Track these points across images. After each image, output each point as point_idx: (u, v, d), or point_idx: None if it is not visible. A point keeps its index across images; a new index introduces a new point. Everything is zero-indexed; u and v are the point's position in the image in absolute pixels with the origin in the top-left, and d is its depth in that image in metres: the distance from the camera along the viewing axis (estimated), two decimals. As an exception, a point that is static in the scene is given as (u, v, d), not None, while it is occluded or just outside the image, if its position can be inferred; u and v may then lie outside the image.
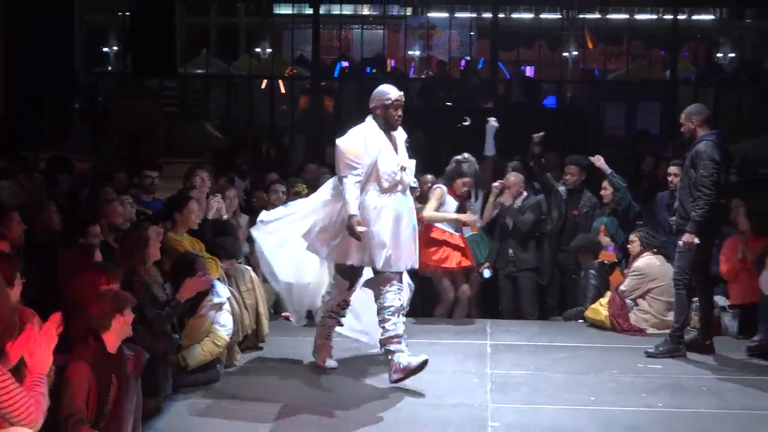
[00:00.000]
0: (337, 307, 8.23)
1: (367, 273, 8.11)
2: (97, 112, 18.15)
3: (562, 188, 11.08)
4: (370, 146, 7.75)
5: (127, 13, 21.61)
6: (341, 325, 8.41)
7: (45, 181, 11.12)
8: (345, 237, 7.72)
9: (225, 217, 9.92)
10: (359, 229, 7.49)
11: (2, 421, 4.80)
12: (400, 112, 7.95)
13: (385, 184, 7.81)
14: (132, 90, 19.62)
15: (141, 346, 6.40)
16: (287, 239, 8.39)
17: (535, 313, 10.85)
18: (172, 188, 10.74)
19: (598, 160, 10.90)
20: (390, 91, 8.00)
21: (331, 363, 8.33)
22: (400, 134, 8.09)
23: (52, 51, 16.52)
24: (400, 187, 7.91)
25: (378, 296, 7.87)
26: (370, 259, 7.79)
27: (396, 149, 7.98)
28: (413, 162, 8.23)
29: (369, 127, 7.91)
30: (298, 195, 10.68)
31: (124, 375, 5.99)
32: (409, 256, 8.00)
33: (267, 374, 8.48)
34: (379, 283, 7.90)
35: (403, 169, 7.90)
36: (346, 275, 8.04)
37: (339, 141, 7.87)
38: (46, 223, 8.66)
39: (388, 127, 7.92)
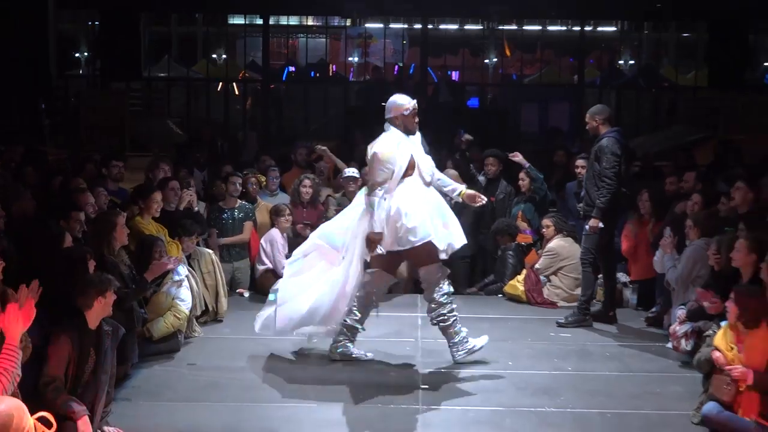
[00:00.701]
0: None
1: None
2: (69, 110, 18.21)
3: (481, 178, 11.28)
4: (402, 150, 7.88)
5: (96, 23, 21.63)
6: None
7: (18, 171, 10.79)
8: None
9: (196, 208, 10.08)
10: (379, 250, 7.77)
11: None
12: (417, 119, 8.09)
13: (427, 179, 8.04)
14: (100, 91, 19.77)
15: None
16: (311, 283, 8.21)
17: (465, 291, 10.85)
18: (137, 179, 10.71)
19: (516, 156, 11.06)
20: (405, 103, 8.08)
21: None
22: (417, 137, 8.17)
23: (28, 57, 16.66)
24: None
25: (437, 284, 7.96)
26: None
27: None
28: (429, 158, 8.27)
29: (396, 134, 7.97)
30: (257, 185, 11.08)
31: (102, 348, 6.02)
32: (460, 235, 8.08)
33: (223, 344, 8.62)
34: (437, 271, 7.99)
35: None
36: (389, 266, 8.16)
37: (375, 148, 7.95)
38: (22, 210, 8.59)
39: (408, 133, 8.01)
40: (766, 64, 23.86)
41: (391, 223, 7.76)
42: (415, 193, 7.93)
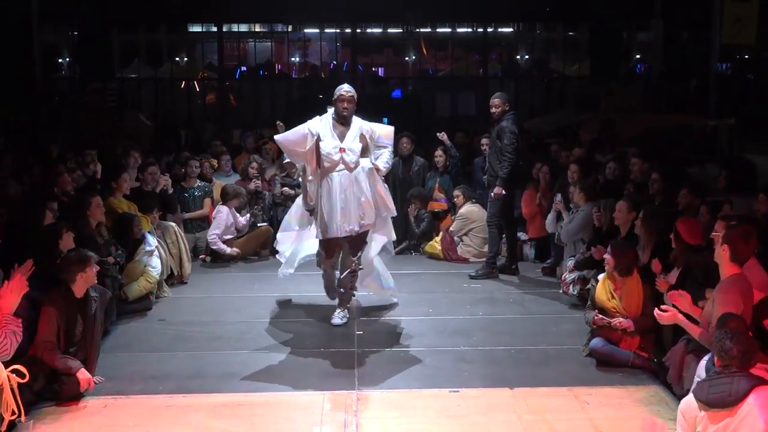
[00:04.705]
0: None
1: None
2: (53, 107, 17.94)
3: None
4: (310, 131, 7.26)
5: (75, 33, 21.46)
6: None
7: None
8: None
9: (170, 191, 10.08)
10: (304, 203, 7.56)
11: None
12: (345, 105, 7.28)
13: (326, 164, 7.24)
14: (80, 90, 19.58)
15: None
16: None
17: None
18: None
19: (443, 136, 11.03)
20: (337, 89, 7.42)
21: (336, 320, 7.70)
22: (356, 123, 7.39)
23: (15, 63, 16.51)
24: (341, 166, 7.24)
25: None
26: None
27: (341, 136, 7.29)
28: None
29: (321, 117, 7.40)
30: (211, 168, 11.03)
31: (89, 313, 6.05)
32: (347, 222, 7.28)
33: (188, 303, 8.58)
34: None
35: (342, 150, 7.24)
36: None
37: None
38: (11, 194, 8.52)
39: (339, 118, 7.32)
40: (637, 56, 24.13)
41: None
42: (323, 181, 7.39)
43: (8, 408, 3.09)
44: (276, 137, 7.57)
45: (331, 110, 7.41)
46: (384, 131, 7.68)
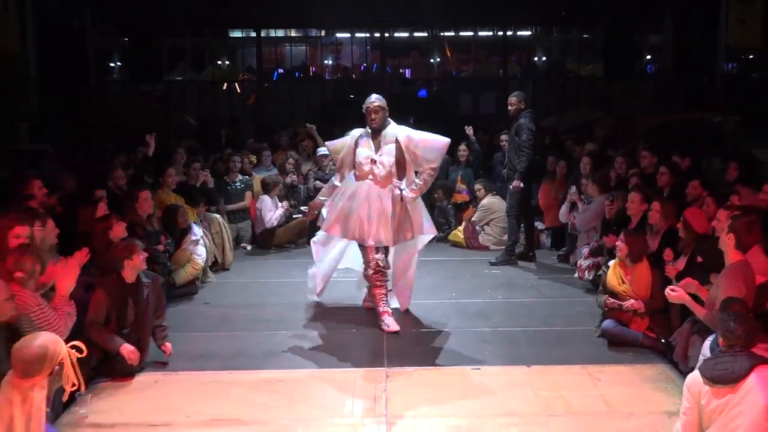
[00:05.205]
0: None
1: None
2: (106, 108, 18.14)
3: None
4: (348, 144, 6.96)
5: (126, 39, 21.67)
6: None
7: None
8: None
9: (211, 185, 10.11)
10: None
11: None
12: (372, 116, 6.81)
13: (357, 173, 6.87)
14: (130, 92, 19.80)
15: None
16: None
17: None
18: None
19: (469, 130, 11.20)
20: (366, 100, 6.98)
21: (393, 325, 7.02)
22: (392, 133, 6.86)
23: (71, 67, 16.73)
24: (371, 177, 6.82)
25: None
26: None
27: (377, 146, 6.84)
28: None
29: (358, 130, 7.04)
30: (250, 163, 11.08)
31: (141, 297, 6.08)
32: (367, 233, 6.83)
33: (231, 288, 8.65)
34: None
35: (373, 162, 6.81)
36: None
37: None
38: (68, 187, 8.61)
39: (370, 127, 6.92)
40: (648, 57, 23.87)
41: None
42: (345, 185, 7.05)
43: (69, 380, 3.16)
44: (327, 143, 7.35)
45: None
46: (435, 145, 6.84)
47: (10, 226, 5.65)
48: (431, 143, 6.88)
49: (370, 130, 6.92)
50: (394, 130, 6.89)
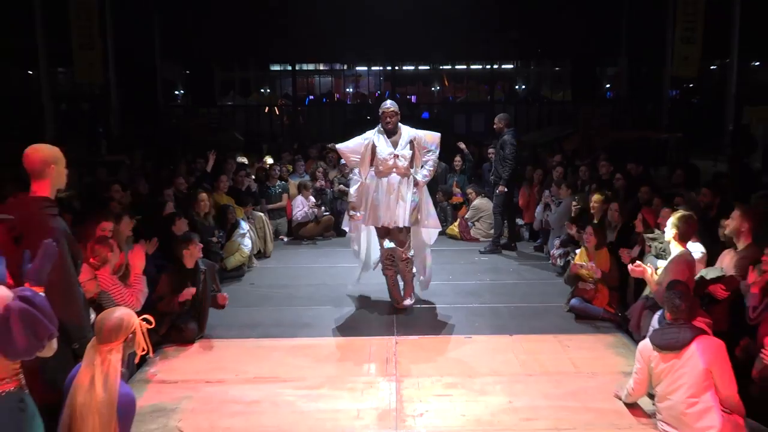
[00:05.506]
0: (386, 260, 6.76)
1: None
2: (171, 127, 18.23)
3: None
4: (365, 143, 6.51)
5: (187, 71, 21.78)
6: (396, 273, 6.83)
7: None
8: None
9: (254, 189, 10.11)
10: (352, 213, 6.58)
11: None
12: (387, 119, 6.46)
13: (381, 168, 6.46)
14: (190, 114, 19.93)
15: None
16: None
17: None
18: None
19: (462, 144, 11.15)
20: (382, 105, 6.65)
21: (407, 301, 6.81)
22: (405, 132, 6.55)
23: (143, 94, 16.93)
24: (394, 170, 6.43)
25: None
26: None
27: (395, 144, 6.46)
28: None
29: (372, 131, 6.59)
30: (287, 171, 11.04)
31: (199, 280, 6.04)
32: (389, 217, 6.46)
33: (271, 272, 8.60)
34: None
35: (395, 156, 6.42)
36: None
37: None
38: (141, 190, 8.72)
39: (385, 131, 6.52)
40: (607, 85, 23.84)
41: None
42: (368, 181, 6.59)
43: (140, 346, 3.16)
44: (337, 146, 6.81)
45: (379, 125, 6.60)
46: (430, 137, 6.68)
47: (98, 221, 5.71)
48: (432, 136, 6.70)
49: (384, 131, 6.54)
50: (406, 130, 6.61)
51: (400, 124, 6.63)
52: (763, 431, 4.06)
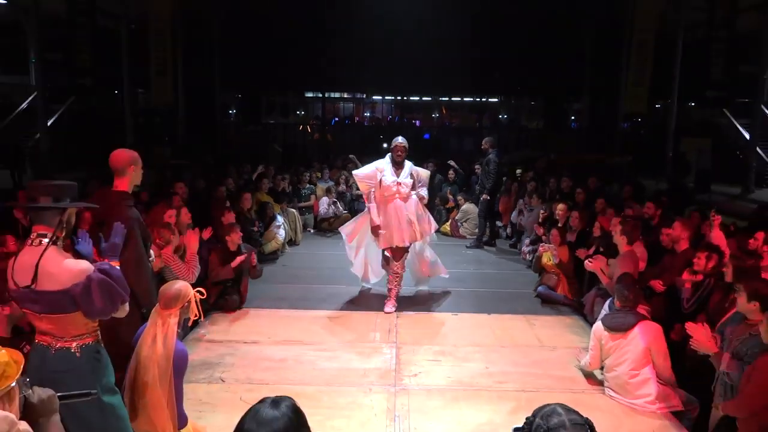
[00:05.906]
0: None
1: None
2: (226, 141, 18.31)
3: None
4: (376, 172, 6.11)
5: (239, 95, 21.88)
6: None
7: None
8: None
9: (288, 190, 10.00)
10: (381, 232, 6.05)
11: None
12: (398, 152, 6.09)
13: (386, 194, 6.07)
14: (240, 131, 20.03)
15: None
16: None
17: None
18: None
19: (452, 162, 11.01)
20: (394, 139, 6.29)
21: (387, 308, 6.12)
22: (408, 165, 6.18)
23: (204, 114, 17.00)
24: (397, 195, 6.07)
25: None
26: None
27: (398, 173, 6.10)
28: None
29: (383, 160, 6.21)
30: (315, 177, 10.92)
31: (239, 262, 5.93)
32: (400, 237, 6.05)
33: (300, 256, 8.50)
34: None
35: (398, 184, 6.06)
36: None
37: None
38: (200, 188, 8.67)
39: (394, 162, 6.13)
40: (573, 117, 23.75)
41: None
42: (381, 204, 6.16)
43: (193, 312, 3.14)
44: (354, 172, 6.44)
45: (389, 155, 6.22)
46: (425, 174, 6.42)
47: (164, 209, 5.72)
48: (425, 174, 6.44)
49: (391, 161, 6.18)
50: (408, 164, 6.28)
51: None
52: (690, 399, 4.00)
